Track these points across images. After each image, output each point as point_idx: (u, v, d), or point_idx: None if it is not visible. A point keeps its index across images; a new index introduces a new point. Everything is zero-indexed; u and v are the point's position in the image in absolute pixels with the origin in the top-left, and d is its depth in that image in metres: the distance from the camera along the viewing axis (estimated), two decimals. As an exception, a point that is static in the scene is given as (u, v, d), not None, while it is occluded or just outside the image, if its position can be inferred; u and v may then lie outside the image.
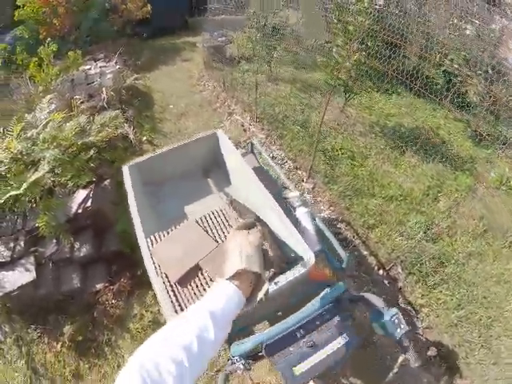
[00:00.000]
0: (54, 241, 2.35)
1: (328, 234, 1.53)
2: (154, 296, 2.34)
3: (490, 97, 4.64)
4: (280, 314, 1.36)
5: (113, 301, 2.34)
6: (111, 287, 2.38)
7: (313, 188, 3.02)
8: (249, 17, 3.71)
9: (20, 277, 2.18)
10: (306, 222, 1.46)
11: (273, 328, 1.19)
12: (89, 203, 2.42)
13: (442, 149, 3.39)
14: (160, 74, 5.61)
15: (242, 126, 3.89)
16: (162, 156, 1.58)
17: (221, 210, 1.33)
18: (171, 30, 6.86)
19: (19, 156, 2.12)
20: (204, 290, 1.13)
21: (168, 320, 1.02)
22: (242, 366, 1.15)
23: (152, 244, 1.26)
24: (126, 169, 1.50)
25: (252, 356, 1.22)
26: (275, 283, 1.11)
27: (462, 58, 4.16)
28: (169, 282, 1.13)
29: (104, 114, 2.99)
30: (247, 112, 3.97)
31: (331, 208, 2.88)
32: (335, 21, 2.64)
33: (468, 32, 4.56)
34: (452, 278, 2.59)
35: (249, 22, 3.82)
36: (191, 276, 1.14)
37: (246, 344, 1.19)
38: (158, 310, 2.35)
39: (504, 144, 3.97)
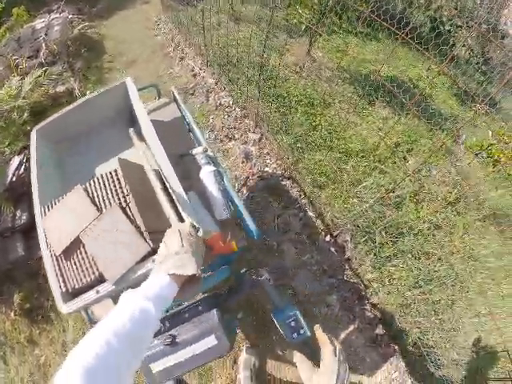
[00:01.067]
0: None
1: (236, 200, 1.22)
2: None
3: (483, 54, 4.13)
4: None
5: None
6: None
7: (259, 139, 2.53)
8: None
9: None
10: (211, 185, 1.18)
11: None
12: (22, 170, 2.38)
13: (420, 103, 2.88)
14: (116, 20, 5.14)
15: (192, 70, 3.34)
16: (72, 113, 1.40)
17: (109, 173, 1.09)
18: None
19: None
20: (85, 264, 0.98)
21: (54, 293, 0.97)
22: None
23: (45, 213, 1.12)
24: (33, 133, 1.35)
25: None
26: (153, 260, 0.92)
27: (453, 5, 3.60)
28: (54, 253, 1.02)
29: (38, 72, 2.96)
30: (199, 56, 3.41)
31: (278, 162, 2.41)
32: None
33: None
34: (411, 251, 2.19)
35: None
36: (73, 248, 1.01)
37: None
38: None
39: (492, 106, 3.50)
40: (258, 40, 3.26)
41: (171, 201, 1.03)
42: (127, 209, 0.99)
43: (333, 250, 2.14)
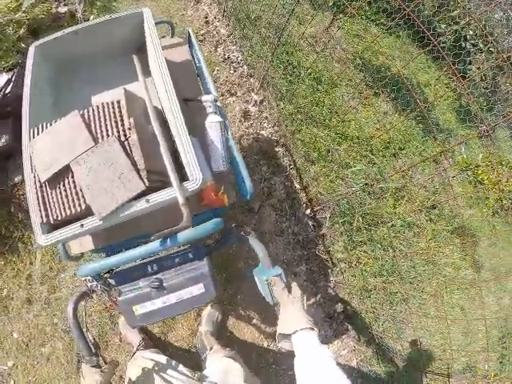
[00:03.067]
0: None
1: (237, 155, 1.19)
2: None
3: (494, 81, 4.21)
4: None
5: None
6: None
7: (261, 101, 2.46)
8: None
9: None
10: (214, 135, 1.14)
11: (125, 254, 0.96)
12: (9, 88, 2.08)
13: (421, 108, 2.89)
14: None
15: (206, 17, 3.16)
16: (79, 33, 1.24)
17: (111, 103, 1.00)
18: None
19: None
20: (72, 195, 0.92)
21: (34, 222, 0.92)
22: (98, 287, 1.03)
23: (33, 136, 1.02)
24: (32, 48, 1.20)
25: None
26: (146, 200, 0.88)
27: (482, 26, 3.61)
28: (39, 180, 0.95)
29: None
30: (217, 4, 3.22)
31: (275, 128, 2.36)
32: None
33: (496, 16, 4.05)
34: (381, 242, 2.24)
35: None
36: (61, 177, 0.94)
37: (93, 264, 0.99)
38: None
39: (486, 132, 3.60)
40: (282, 1, 3.13)
41: (170, 143, 0.99)
42: (126, 143, 0.93)
43: (310, 223, 2.16)
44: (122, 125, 0.95)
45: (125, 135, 0.94)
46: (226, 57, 2.74)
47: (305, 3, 3.21)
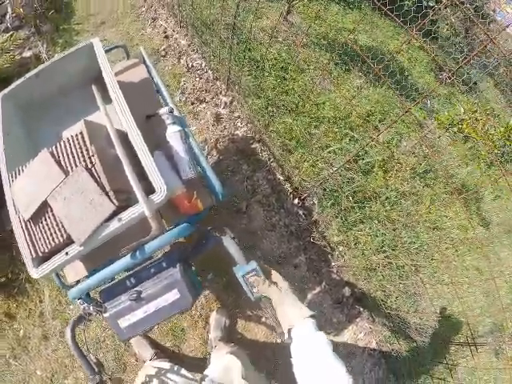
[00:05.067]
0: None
1: (201, 158, 1.24)
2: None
3: (466, 35, 4.13)
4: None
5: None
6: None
7: (231, 102, 2.44)
8: None
9: None
10: (177, 144, 1.19)
11: (102, 272, 1.03)
12: None
13: (396, 75, 2.84)
14: None
15: (165, 32, 3.17)
16: (37, 76, 1.35)
17: (74, 135, 1.07)
18: None
19: None
20: (54, 227, 0.99)
21: (25, 259, 0.98)
22: (91, 308, 1.07)
23: (13, 180, 1.11)
24: None
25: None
26: (119, 219, 0.93)
27: None
28: (23, 219, 1.03)
29: (4, 37, 2.81)
30: (173, 17, 3.23)
31: (249, 125, 2.34)
32: None
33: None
34: (377, 217, 2.18)
35: None
36: (41, 213, 1.02)
37: (78, 286, 1.06)
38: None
39: (466, 85, 3.53)
40: (234, 1, 3.12)
41: (135, 163, 1.01)
42: (93, 170, 1.00)
43: (300, 212, 2.12)
44: (88, 153, 1.02)
45: (91, 162, 1.00)
46: (190, 66, 2.73)
47: (258, -4, 3.20)
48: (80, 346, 1.08)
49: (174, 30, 3.11)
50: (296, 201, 2.12)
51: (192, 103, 2.52)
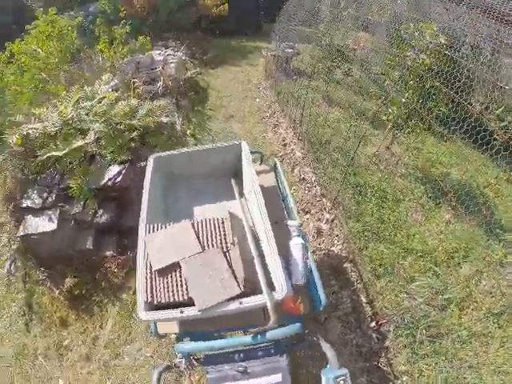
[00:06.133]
0: (81, 203, 2.61)
1: (314, 272, 1.48)
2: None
3: None
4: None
5: (115, 270, 2.59)
6: (118, 257, 2.61)
7: (332, 220, 2.96)
8: (316, 33, 3.70)
9: (43, 224, 2.48)
10: (297, 254, 1.41)
11: (216, 342, 1.23)
12: (119, 179, 2.63)
13: (483, 210, 3.10)
14: (222, 73, 5.85)
15: (284, 140, 3.91)
16: (189, 155, 1.65)
17: (218, 219, 1.35)
18: (244, 31, 7.03)
19: (70, 122, 2.36)
20: (178, 286, 1.19)
21: (138, 299, 1.14)
22: (183, 364, 1.24)
23: (149, 231, 1.33)
24: (151, 159, 1.59)
25: (196, 359, 1.30)
26: (240, 302, 1.13)
27: None
28: (150, 268, 1.22)
29: (155, 102, 3.23)
30: (292, 128, 3.98)
31: (344, 244, 2.80)
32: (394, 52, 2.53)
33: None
34: (446, 354, 2.34)
35: (315, 37, 3.81)
36: (170, 270, 1.22)
37: (187, 346, 1.25)
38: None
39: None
40: (345, 125, 3.76)
41: (262, 262, 1.23)
42: (227, 254, 1.23)
43: (374, 336, 2.39)
44: (226, 239, 1.24)
45: (227, 247, 1.23)
46: (302, 178, 3.36)
47: (366, 124, 3.81)
48: None
49: (291, 141, 3.83)
50: (373, 324, 2.44)
51: (298, 212, 3.08)
